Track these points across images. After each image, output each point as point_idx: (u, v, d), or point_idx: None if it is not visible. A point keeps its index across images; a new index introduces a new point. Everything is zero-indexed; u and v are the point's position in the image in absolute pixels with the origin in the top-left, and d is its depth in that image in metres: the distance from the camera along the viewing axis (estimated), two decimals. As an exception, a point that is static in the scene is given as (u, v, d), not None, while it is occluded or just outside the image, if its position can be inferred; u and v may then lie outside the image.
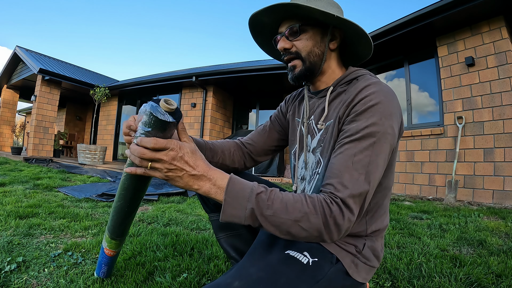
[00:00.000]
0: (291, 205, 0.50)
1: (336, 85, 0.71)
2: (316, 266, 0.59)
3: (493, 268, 1.27)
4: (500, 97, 3.29)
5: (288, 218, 0.49)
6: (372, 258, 0.67)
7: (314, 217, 0.49)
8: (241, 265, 0.59)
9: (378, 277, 1.20)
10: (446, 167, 3.67)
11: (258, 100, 7.85)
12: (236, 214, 0.50)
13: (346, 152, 0.56)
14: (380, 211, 0.69)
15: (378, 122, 0.56)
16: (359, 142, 0.56)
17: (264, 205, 0.50)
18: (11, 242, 1.40)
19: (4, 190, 2.77)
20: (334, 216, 0.49)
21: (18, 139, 11.40)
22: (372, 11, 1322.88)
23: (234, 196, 0.50)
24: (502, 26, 3.33)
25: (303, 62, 0.70)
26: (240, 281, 0.52)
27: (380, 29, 4.16)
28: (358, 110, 0.59)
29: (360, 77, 0.68)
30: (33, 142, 7.31)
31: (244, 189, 0.51)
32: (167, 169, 0.49)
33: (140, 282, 1.08)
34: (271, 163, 6.02)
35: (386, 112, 0.57)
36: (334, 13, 0.62)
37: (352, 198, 0.51)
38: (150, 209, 2.52)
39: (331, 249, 0.64)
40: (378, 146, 0.55)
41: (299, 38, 0.68)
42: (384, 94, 0.59)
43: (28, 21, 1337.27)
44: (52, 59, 9.34)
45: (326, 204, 0.50)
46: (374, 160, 0.55)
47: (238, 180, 0.53)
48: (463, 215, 2.43)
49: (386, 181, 0.67)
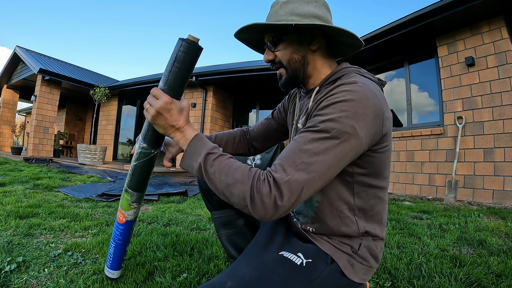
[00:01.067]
0: (232, 170, 0.55)
1: (321, 85, 0.70)
2: (310, 266, 0.60)
3: (493, 268, 1.27)
4: (500, 97, 3.29)
5: (223, 180, 0.55)
6: (369, 258, 0.66)
7: (243, 186, 0.52)
8: (235, 264, 0.60)
9: (378, 277, 1.20)
10: (446, 167, 3.67)
11: (258, 100, 7.84)
12: (190, 164, 0.61)
13: (298, 139, 0.56)
14: (372, 211, 0.67)
15: (337, 119, 0.54)
16: (311, 133, 0.55)
17: (209, 163, 0.57)
18: (11, 242, 1.40)
19: (4, 190, 2.77)
20: (261, 192, 0.51)
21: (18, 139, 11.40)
22: (372, 11, 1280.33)
23: (193, 150, 0.61)
24: (502, 26, 3.33)
25: (286, 70, 0.72)
26: (233, 280, 0.53)
27: (380, 29, 4.16)
28: (321, 106, 0.58)
29: (344, 76, 0.66)
30: (33, 142, 7.31)
31: (201, 147, 0.60)
32: (155, 113, 0.62)
33: (140, 282, 1.08)
34: (271, 163, 6.02)
35: (350, 111, 0.54)
36: (292, 21, 0.64)
37: (286, 183, 0.50)
38: (150, 209, 2.52)
39: (326, 249, 0.64)
40: (330, 142, 0.53)
41: (278, 48, 0.71)
42: (356, 94, 0.56)
43: (28, 21, 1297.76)
44: (52, 59, 9.34)
45: (259, 179, 0.52)
46: (321, 154, 0.53)
47: (202, 139, 0.62)
48: (463, 215, 2.43)
49: (377, 181, 0.66)
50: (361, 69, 0.70)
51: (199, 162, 0.58)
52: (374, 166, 0.63)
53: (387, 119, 0.61)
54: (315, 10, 0.67)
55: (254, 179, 0.52)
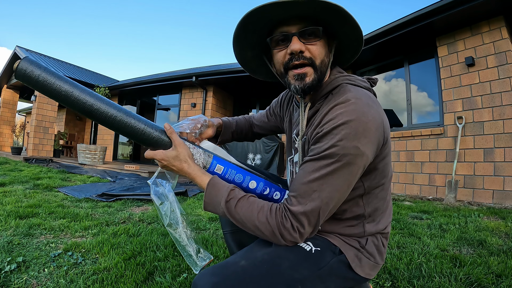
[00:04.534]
0: (255, 215, 0.60)
1: (314, 101, 0.68)
2: (319, 254, 0.61)
3: (493, 268, 1.27)
4: (500, 97, 3.29)
5: (250, 225, 0.60)
6: (376, 254, 0.67)
7: (270, 227, 0.58)
8: (249, 248, 0.64)
9: (378, 277, 1.20)
10: (446, 167, 3.67)
11: (258, 100, 7.85)
12: (214, 211, 0.66)
13: (305, 168, 0.59)
14: (379, 212, 0.69)
15: (339, 144, 0.55)
16: (317, 161, 0.57)
17: (232, 211, 0.62)
18: (11, 242, 1.40)
19: (4, 190, 2.77)
20: (287, 228, 0.57)
21: (18, 139, 11.39)
22: (372, 11, 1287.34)
23: (211, 198, 0.65)
24: (502, 26, 3.33)
25: (315, 70, 0.63)
26: (246, 260, 0.58)
27: (380, 29, 4.16)
28: (321, 132, 0.59)
29: (335, 90, 0.65)
30: (33, 142, 7.31)
31: (217, 195, 0.64)
32: (162, 165, 0.70)
33: (140, 282, 1.08)
34: (271, 163, 6.03)
35: (350, 133, 0.55)
36: None
37: (303, 214, 0.56)
38: (150, 209, 2.52)
39: (335, 242, 0.65)
40: (336, 167, 0.55)
41: (316, 43, 0.62)
42: (353, 113, 0.56)
43: (28, 21, 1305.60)
44: (52, 59, 9.34)
45: (282, 217, 0.58)
46: (331, 180, 0.56)
47: (214, 186, 0.65)
48: (463, 215, 2.43)
49: (382, 184, 0.67)
50: (351, 76, 0.68)
51: (222, 211, 0.63)
52: (379, 171, 0.65)
53: (386, 126, 0.61)
54: None
55: (277, 218, 0.58)
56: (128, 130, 0.67)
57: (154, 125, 0.71)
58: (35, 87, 0.62)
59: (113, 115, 0.66)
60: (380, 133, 0.58)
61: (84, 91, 0.64)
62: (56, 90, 0.62)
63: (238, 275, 0.54)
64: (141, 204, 2.74)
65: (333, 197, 0.56)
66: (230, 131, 0.99)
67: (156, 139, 0.69)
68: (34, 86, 0.62)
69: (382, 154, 0.63)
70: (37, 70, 0.61)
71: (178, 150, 0.68)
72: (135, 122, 0.68)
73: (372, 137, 0.57)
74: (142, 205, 2.69)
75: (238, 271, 0.55)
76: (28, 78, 0.61)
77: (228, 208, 0.62)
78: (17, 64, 0.60)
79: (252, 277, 0.55)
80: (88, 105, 0.64)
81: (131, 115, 0.69)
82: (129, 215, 2.17)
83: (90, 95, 0.65)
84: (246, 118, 1.08)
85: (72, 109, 0.65)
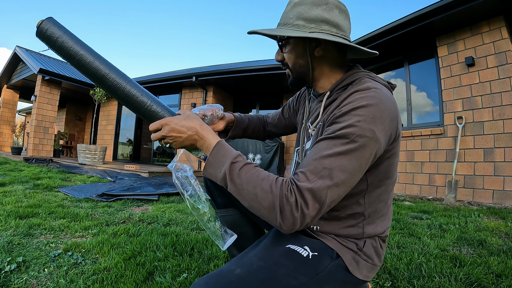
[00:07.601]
0: (259, 181, 0.55)
1: (332, 90, 0.70)
2: (316, 259, 0.61)
3: (493, 268, 1.27)
4: (500, 97, 3.29)
5: (251, 191, 0.55)
6: (373, 256, 0.67)
7: (272, 196, 0.53)
8: (244, 254, 0.62)
9: (378, 277, 1.20)
10: (446, 167, 3.67)
11: (258, 100, 7.84)
12: (214, 174, 0.60)
13: (319, 146, 0.57)
14: (379, 213, 0.69)
15: (356, 125, 0.55)
16: (331, 140, 0.56)
17: (235, 173, 0.57)
18: (11, 242, 1.40)
19: (4, 190, 2.77)
20: (290, 203, 0.52)
21: (18, 139, 11.40)
22: (372, 11, 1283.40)
23: (216, 159, 0.60)
24: (502, 26, 3.33)
25: (291, 71, 0.74)
26: (242, 268, 0.55)
27: (380, 29, 4.16)
28: (339, 113, 0.59)
29: (355, 82, 0.66)
30: (33, 142, 7.31)
31: (225, 155, 0.59)
32: (170, 140, 0.65)
33: (140, 282, 1.08)
34: (271, 163, 6.03)
35: (368, 115, 0.55)
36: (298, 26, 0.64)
37: (309, 191, 0.52)
38: (150, 209, 2.52)
39: (331, 245, 0.65)
40: (350, 147, 0.54)
41: (285, 51, 0.73)
42: (372, 99, 0.57)
43: (28, 21, 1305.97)
44: (52, 59, 9.34)
45: (287, 189, 0.53)
46: (343, 159, 0.54)
47: (224, 146, 0.61)
48: (463, 215, 2.43)
49: (386, 185, 0.67)
50: (372, 73, 0.70)
51: (224, 172, 0.58)
52: (383, 168, 0.64)
53: (399, 122, 0.63)
54: (323, 13, 0.65)
55: (282, 189, 0.53)
56: (136, 105, 0.67)
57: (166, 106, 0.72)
58: (53, 48, 0.64)
59: (126, 89, 0.67)
60: (394, 125, 0.60)
61: (101, 61, 0.66)
62: (72, 55, 0.64)
63: (233, 285, 0.52)
64: (141, 204, 2.75)
65: (343, 179, 0.53)
66: (242, 127, 1.01)
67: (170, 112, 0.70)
68: (52, 47, 0.64)
69: (391, 150, 0.63)
70: (57, 31, 0.63)
71: (188, 112, 0.68)
72: (148, 101, 0.68)
73: (387, 126, 0.58)
74: (142, 205, 2.69)
75: (234, 281, 0.53)
76: (48, 38, 0.63)
77: (232, 169, 0.57)
78: (40, 23, 0.62)
79: (249, 285, 0.52)
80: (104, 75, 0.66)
81: (145, 93, 0.69)
82: (129, 215, 2.17)
83: (111, 69, 0.66)
84: (259, 117, 1.10)
85: (86, 76, 0.67)
